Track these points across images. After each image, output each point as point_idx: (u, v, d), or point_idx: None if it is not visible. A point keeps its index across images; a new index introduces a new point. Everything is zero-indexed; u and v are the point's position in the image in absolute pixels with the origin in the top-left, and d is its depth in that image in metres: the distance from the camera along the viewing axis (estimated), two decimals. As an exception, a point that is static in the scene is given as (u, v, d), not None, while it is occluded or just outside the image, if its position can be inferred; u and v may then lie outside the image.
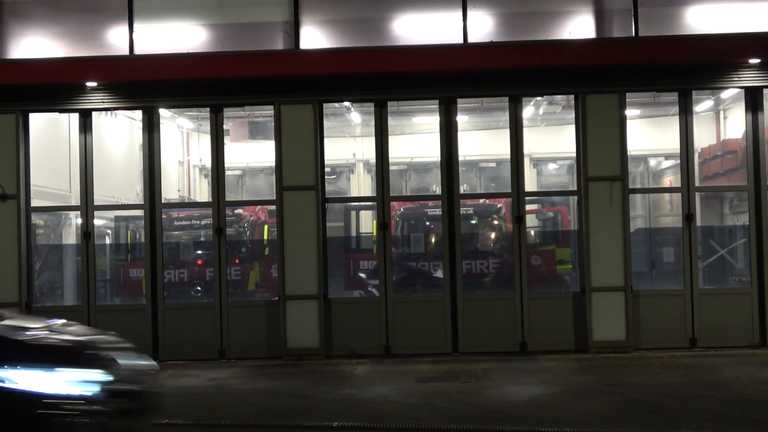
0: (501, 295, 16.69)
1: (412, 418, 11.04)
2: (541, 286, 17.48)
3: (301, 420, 11.20)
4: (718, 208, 23.71)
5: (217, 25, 16.93)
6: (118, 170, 22.85)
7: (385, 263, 16.50)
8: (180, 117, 26.20)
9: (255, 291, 18.41)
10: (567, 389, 12.77)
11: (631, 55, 15.97)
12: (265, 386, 13.77)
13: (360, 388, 13.33)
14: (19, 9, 17.12)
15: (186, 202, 26.81)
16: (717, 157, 24.36)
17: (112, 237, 21.84)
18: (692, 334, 16.09)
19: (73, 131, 17.94)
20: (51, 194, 19.63)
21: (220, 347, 16.45)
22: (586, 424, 10.51)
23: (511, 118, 16.62)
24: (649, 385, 12.86)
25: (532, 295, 16.43)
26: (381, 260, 16.54)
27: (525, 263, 16.42)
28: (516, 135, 16.53)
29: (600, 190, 16.05)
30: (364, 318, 16.42)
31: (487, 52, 16.09)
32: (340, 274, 18.14)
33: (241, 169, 28.71)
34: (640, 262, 17.77)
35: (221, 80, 16.36)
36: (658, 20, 16.32)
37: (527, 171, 26.24)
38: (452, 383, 13.50)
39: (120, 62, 16.45)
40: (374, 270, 16.97)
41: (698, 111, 22.66)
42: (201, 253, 18.61)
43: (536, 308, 16.31)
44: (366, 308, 16.58)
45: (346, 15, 17.04)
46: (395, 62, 16.08)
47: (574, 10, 16.65)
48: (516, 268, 16.46)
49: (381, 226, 16.65)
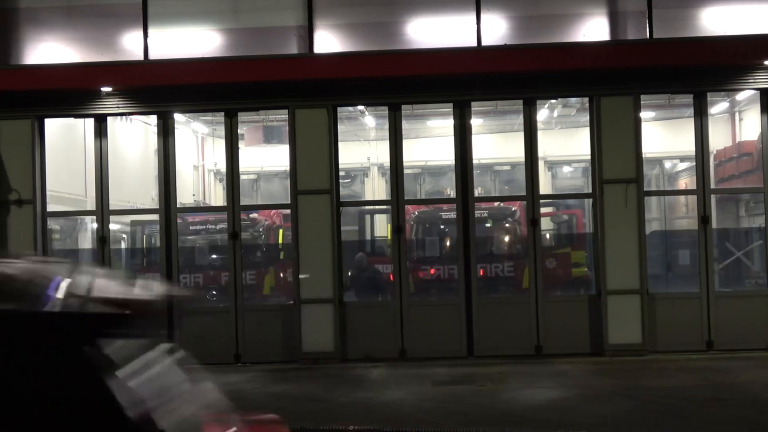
0: (516, 299, 16.68)
1: (428, 422, 11.03)
2: (557, 289, 17.44)
3: (317, 424, 11.19)
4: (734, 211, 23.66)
5: (231, 29, 16.98)
6: (133, 175, 22.94)
7: (399, 267, 16.50)
8: (195, 122, 26.31)
9: (270, 295, 18.45)
10: (583, 392, 12.74)
11: (646, 57, 15.94)
12: (280, 390, 13.78)
13: (376, 391, 13.33)
14: (35, 15, 17.20)
15: (201, 206, 26.91)
16: (732, 159, 24.31)
17: (128, 242, 21.93)
18: (709, 337, 16.02)
19: (89, 136, 18.00)
20: (67, 199, 19.72)
21: (236, 351, 16.47)
22: (602, 427, 10.48)
23: (526, 121, 16.59)
24: (666, 388, 12.81)
25: (548, 298, 16.40)
26: (395, 264, 16.54)
27: (540, 266, 16.39)
28: (530, 138, 16.51)
29: (615, 193, 16.01)
30: (379, 322, 16.42)
31: (501, 55, 16.09)
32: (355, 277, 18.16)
33: (256, 174, 28.79)
34: (655, 264, 17.72)
35: (236, 85, 16.39)
36: (672, 22, 16.28)
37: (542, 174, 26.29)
38: (468, 387, 13.49)
39: (135, 67, 16.50)
40: (389, 274, 16.94)
41: (713, 113, 22.62)
42: (216, 258, 18.66)
43: (552, 311, 16.27)
44: (381, 312, 16.58)
45: (359, 19, 17.07)
46: (409, 66, 16.08)
47: (587, 13, 16.63)
48: (531, 271, 16.44)
49: (395, 229, 16.65)
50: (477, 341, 16.25)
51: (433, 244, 19.33)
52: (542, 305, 16.24)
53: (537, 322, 16.20)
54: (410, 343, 16.32)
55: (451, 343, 16.24)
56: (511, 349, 16.12)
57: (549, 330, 16.21)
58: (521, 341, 16.21)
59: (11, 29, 17.06)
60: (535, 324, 16.22)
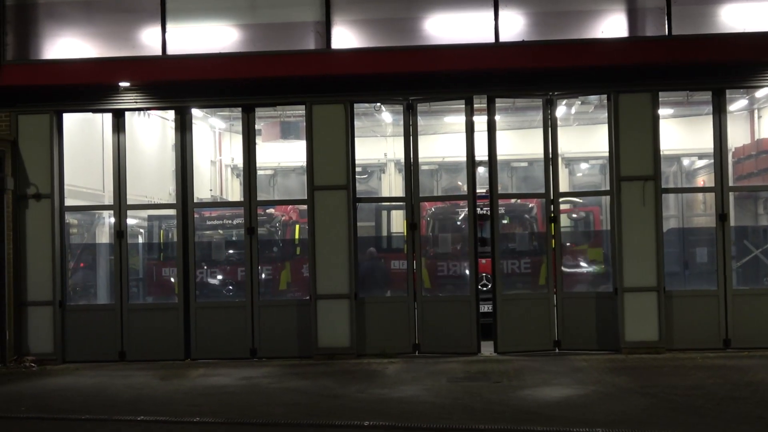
0: (533, 295, 16.65)
1: (444, 418, 11.03)
2: (574, 286, 17.40)
3: (333, 419, 11.22)
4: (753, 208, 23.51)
5: (249, 25, 16.99)
6: (150, 170, 22.99)
7: (414, 263, 16.49)
8: (212, 117, 26.32)
9: (286, 290, 18.44)
10: (599, 390, 12.71)
11: (664, 54, 15.88)
12: (296, 385, 13.81)
13: (391, 387, 13.34)
14: (53, 10, 17.26)
15: (218, 201, 26.92)
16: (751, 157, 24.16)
17: (145, 236, 21.97)
18: (726, 335, 15.95)
19: (107, 131, 18.06)
20: (84, 194, 19.77)
21: (252, 346, 16.51)
22: (618, 425, 10.45)
23: (545, 118, 16.56)
24: (682, 386, 12.77)
25: (565, 294, 16.36)
26: (410, 260, 16.53)
27: (558, 263, 16.36)
28: (549, 135, 16.46)
29: (633, 190, 15.96)
30: (395, 317, 16.42)
31: (519, 52, 16.05)
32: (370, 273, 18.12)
33: (273, 169, 28.80)
34: (673, 262, 17.63)
35: (253, 80, 16.43)
36: (691, 18, 16.20)
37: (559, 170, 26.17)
38: (484, 383, 13.48)
39: (153, 62, 16.55)
40: (404, 269, 16.91)
41: (732, 110, 22.50)
42: (233, 253, 18.68)
43: (569, 308, 16.25)
44: (397, 307, 16.57)
45: (377, 15, 17.04)
46: (426, 62, 16.08)
47: (606, 9, 16.56)
48: (549, 268, 16.41)
49: (411, 226, 16.64)
50: (501, 337, 16.22)
51: (447, 240, 19.28)
52: (560, 302, 16.22)
53: (554, 318, 16.19)
54: (425, 339, 16.32)
55: (466, 338, 16.22)
56: (528, 345, 16.11)
57: (566, 327, 16.20)
58: (538, 337, 16.20)
59: (30, 24, 17.13)
60: (552, 320, 16.21)
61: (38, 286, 16.58)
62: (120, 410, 12.17)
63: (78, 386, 14.37)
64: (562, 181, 25.55)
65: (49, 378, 15.22)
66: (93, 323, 16.76)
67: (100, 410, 12.19)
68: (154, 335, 16.60)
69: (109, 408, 12.36)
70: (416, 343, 16.36)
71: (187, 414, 11.73)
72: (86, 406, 12.57)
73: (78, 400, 13.20)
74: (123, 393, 13.54)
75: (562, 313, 16.21)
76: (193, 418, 11.46)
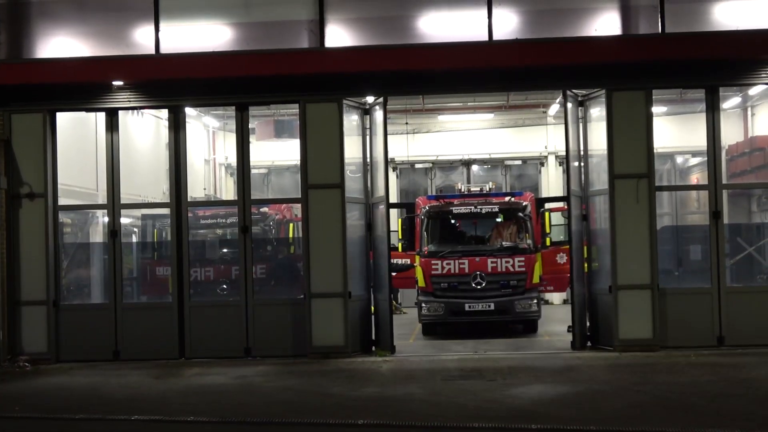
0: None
1: (438, 417, 11.03)
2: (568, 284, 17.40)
3: (327, 418, 11.21)
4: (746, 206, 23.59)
5: (243, 24, 16.97)
6: (144, 169, 22.99)
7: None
8: (206, 116, 26.34)
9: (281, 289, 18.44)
10: (593, 387, 12.71)
11: (658, 51, 15.88)
12: (291, 384, 13.80)
13: (386, 386, 13.33)
14: (46, 9, 17.22)
15: (212, 200, 26.94)
16: (745, 154, 24.24)
17: (139, 235, 21.98)
18: (720, 332, 15.96)
19: (100, 130, 18.05)
20: (78, 193, 19.78)
21: (246, 345, 16.47)
22: (612, 422, 10.45)
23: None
24: (677, 384, 12.79)
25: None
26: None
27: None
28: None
29: (626, 188, 15.96)
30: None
31: (513, 50, 16.02)
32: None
33: (267, 168, 28.82)
34: (666, 260, 17.66)
35: (247, 79, 16.40)
36: (684, 16, 16.20)
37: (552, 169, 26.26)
38: (478, 381, 13.48)
39: (146, 61, 16.52)
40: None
41: (725, 108, 22.57)
42: (227, 252, 18.68)
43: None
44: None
45: (370, 13, 17.02)
46: (420, 60, 16.05)
47: (599, 7, 16.55)
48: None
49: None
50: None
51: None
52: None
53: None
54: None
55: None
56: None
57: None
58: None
59: (23, 23, 17.09)
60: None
61: (32, 285, 16.53)
62: (114, 409, 12.14)
63: (72, 386, 14.35)
64: (556, 180, 25.68)
65: (43, 377, 15.19)
66: (87, 322, 16.71)
67: (95, 409, 12.17)
68: (148, 334, 16.57)
69: (104, 407, 12.34)
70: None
71: (181, 413, 11.72)
72: (80, 406, 12.55)
73: (72, 399, 13.18)
74: (117, 392, 13.52)
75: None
76: (188, 417, 11.45)
